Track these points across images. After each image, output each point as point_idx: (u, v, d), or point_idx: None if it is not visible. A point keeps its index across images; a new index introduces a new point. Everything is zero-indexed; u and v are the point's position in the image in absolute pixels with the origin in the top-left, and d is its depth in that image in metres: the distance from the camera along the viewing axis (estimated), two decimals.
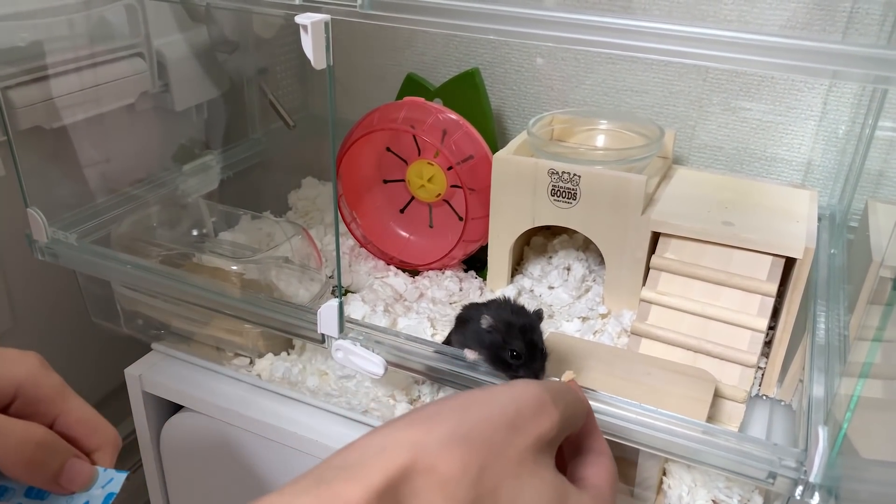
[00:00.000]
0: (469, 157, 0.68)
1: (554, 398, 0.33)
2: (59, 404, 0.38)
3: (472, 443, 0.29)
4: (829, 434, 0.40)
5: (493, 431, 0.30)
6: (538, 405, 0.32)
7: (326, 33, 0.42)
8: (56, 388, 0.38)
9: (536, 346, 0.46)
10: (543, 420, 0.32)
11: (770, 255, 0.59)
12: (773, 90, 0.74)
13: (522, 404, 0.32)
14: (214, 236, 0.74)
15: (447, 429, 0.29)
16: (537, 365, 0.46)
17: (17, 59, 0.65)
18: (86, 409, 0.39)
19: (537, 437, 0.31)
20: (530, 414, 0.32)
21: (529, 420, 0.31)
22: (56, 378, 0.38)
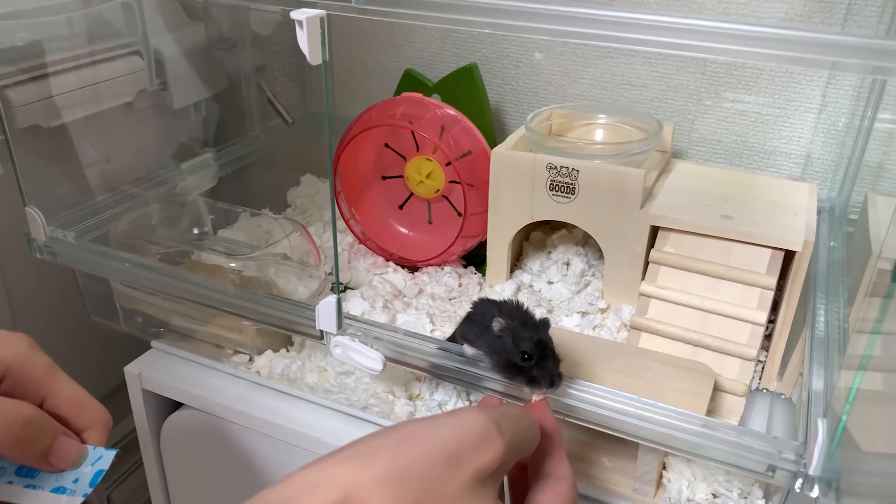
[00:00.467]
0: (467, 153, 0.68)
1: (500, 427, 0.32)
2: (48, 384, 0.38)
3: (408, 481, 0.28)
4: (829, 427, 0.40)
5: (430, 468, 0.29)
6: (482, 436, 0.31)
7: (322, 29, 0.41)
8: (44, 368, 0.38)
9: (548, 346, 0.44)
10: (486, 452, 0.31)
11: (769, 249, 0.59)
12: (772, 83, 0.73)
13: (465, 436, 0.31)
14: (213, 234, 0.74)
15: (383, 467, 0.29)
16: (550, 364, 0.44)
17: (14, 58, 0.65)
18: (75, 389, 0.39)
19: (478, 469, 0.30)
20: (473, 446, 0.31)
21: (471, 453, 0.31)
22: (44, 358, 0.38)
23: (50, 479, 0.37)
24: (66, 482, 0.37)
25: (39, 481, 0.37)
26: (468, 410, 0.33)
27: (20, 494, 0.37)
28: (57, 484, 0.37)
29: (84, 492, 0.37)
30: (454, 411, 0.33)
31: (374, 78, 0.92)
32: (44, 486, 0.37)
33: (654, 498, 0.52)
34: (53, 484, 0.37)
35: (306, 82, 0.96)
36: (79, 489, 0.37)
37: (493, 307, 0.48)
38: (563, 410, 0.47)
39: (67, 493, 0.37)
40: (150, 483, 0.74)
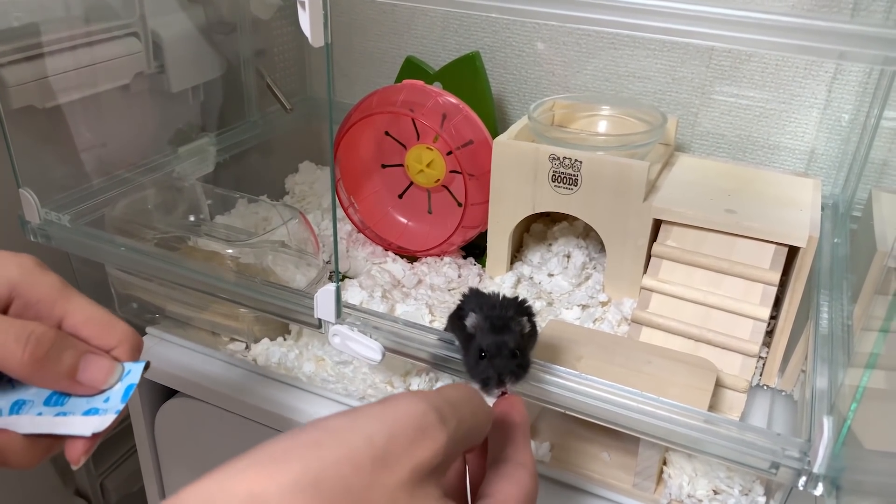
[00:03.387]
0: (469, 142, 0.67)
1: (442, 415, 0.28)
2: (62, 304, 0.35)
3: (323, 490, 0.24)
4: (834, 424, 0.40)
5: (353, 471, 0.25)
6: (418, 427, 0.27)
7: (325, 9, 0.40)
8: (55, 287, 0.35)
9: (504, 347, 0.42)
10: (424, 446, 0.26)
11: (773, 244, 0.58)
12: (777, 77, 0.73)
13: (397, 429, 0.26)
14: (210, 220, 0.73)
15: (292, 475, 0.24)
16: (501, 362, 0.41)
17: (9, 38, 0.64)
18: (93, 308, 0.36)
19: (414, 467, 0.26)
20: (407, 440, 0.26)
21: (405, 449, 0.26)
22: (54, 277, 0.36)
23: (80, 404, 0.35)
24: (96, 403, 0.35)
25: (69, 407, 0.35)
26: (402, 396, 0.28)
27: (51, 424, 0.34)
28: (87, 407, 0.35)
29: (116, 408, 0.35)
30: (385, 399, 0.28)
31: (374, 65, 0.91)
32: (74, 411, 0.35)
33: (654, 493, 0.51)
34: (84, 407, 0.35)
35: (306, 68, 0.95)
36: (111, 407, 0.35)
37: (477, 300, 0.46)
38: (562, 404, 0.46)
39: (100, 412, 0.35)
40: (144, 471, 0.73)
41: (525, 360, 0.43)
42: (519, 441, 0.34)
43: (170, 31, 0.76)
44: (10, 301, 0.34)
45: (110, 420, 0.34)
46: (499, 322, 0.43)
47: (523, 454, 0.33)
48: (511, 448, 0.34)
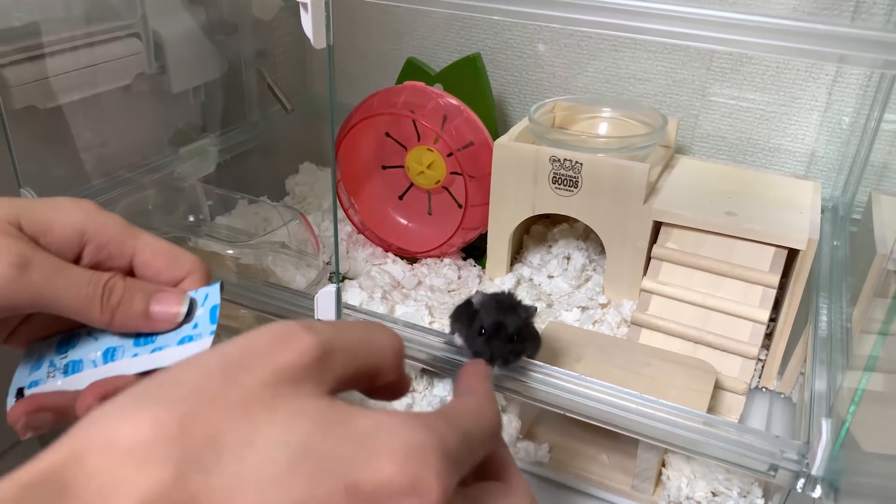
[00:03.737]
0: (469, 144, 0.67)
1: (312, 326, 0.26)
2: (130, 242, 0.36)
3: (168, 397, 0.23)
4: (833, 427, 0.40)
5: (201, 378, 0.23)
6: (278, 336, 0.25)
7: (327, 11, 0.41)
8: (119, 226, 0.36)
9: (503, 328, 0.44)
10: (287, 349, 0.25)
11: (773, 246, 0.58)
12: (778, 80, 0.73)
13: (254, 342, 0.25)
14: (210, 220, 0.73)
15: (134, 393, 0.23)
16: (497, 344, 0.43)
17: (11, 38, 0.64)
18: (159, 242, 0.36)
19: (278, 367, 0.24)
20: (265, 347, 0.25)
21: (263, 354, 0.24)
22: (116, 217, 0.36)
23: (170, 337, 0.35)
24: (186, 332, 0.35)
25: (161, 342, 0.35)
26: (272, 323, 0.27)
27: (154, 360, 0.35)
28: (179, 337, 0.35)
29: (210, 330, 0.35)
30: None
31: (375, 66, 0.91)
32: (168, 343, 0.35)
33: (652, 495, 0.51)
34: (176, 338, 0.35)
35: (307, 69, 0.96)
36: (203, 331, 0.35)
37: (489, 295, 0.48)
38: (561, 406, 0.47)
39: (193, 339, 0.35)
40: None
41: (522, 346, 0.44)
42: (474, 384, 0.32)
43: (171, 31, 0.76)
44: (82, 246, 0.35)
45: (208, 342, 0.35)
46: (504, 303, 0.45)
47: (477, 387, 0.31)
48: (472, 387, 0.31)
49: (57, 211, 0.35)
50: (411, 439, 0.23)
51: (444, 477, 0.23)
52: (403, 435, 0.23)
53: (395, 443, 0.23)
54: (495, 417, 0.29)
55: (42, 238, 0.34)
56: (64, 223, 0.34)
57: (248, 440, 0.22)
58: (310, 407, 0.23)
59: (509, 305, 0.46)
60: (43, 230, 0.34)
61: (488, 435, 0.28)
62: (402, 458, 0.23)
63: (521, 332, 0.45)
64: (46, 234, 0.34)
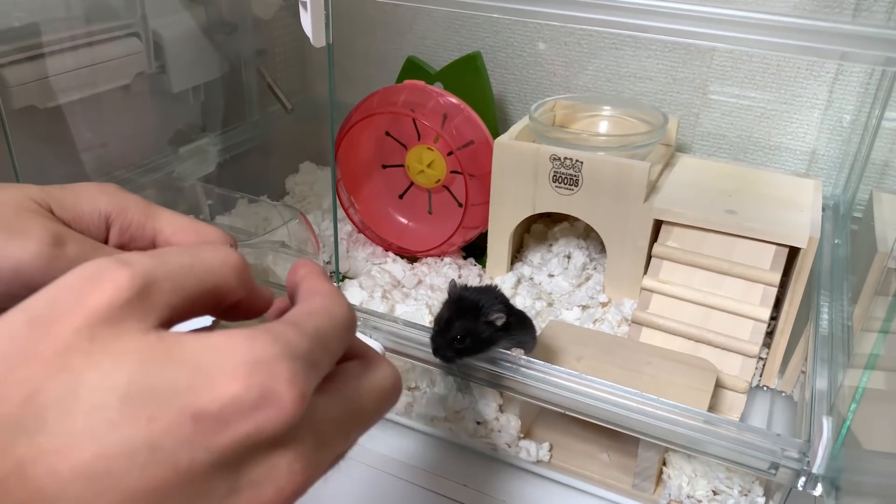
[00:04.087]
0: (469, 143, 0.67)
1: (125, 259, 0.23)
2: (150, 223, 0.35)
3: None
4: (833, 425, 0.40)
5: (6, 339, 0.22)
6: (87, 277, 0.23)
7: (326, 10, 0.41)
8: (140, 207, 0.35)
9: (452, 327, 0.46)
10: (99, 289, 0.22)
11: (773, 245, 0.58)
12: (779, 78, 0.73)
13: (59, 289, 0.23)
14: (211, 220, 0.73)
15: None
16: (439, 339, 0.46)
17: (10, 38, 0.64)
18: (179, 219, 0.36)
19: (91, 310, 0.22)
20: (73, 292, 0.22)
21: (73, 300, 0.22)
22: (137, 199, 0.36)
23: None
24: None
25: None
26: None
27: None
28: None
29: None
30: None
31: (375, 65, 0.91)
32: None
33: (653, 494, 0.51)
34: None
35: (306, 68, 0.95)
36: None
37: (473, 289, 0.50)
38: (562, 405, 0.46)
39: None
40: None
41: (474, 346, 0.46)
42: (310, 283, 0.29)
43: (171, 31, 0.76)
44: (108, 230, 0.35)
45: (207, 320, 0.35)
46: (465, 304, 0.46)
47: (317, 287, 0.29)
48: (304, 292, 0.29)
49: (82, 199, 0.34)
50: (254, 352, 0.22)
51: (296, 383, 0.22)
52: (244, 350, 0.22)
53: (236, 359, 0.22)
54: (347, 311, 0.27)
55: (72, 226, 0.34)
56: (91, 209, 0.34)
57: (71, 392, 0.21)
58: (134, 344, 0.22)
59: (472, 305, 0.46)
60: (72, 217, 0.34)
61: (343, 330, 0.27)
62: (245, 373, 0.22)
63: (471, 335, 0.46)
64: (76, 222, 0.34)
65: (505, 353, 0.48)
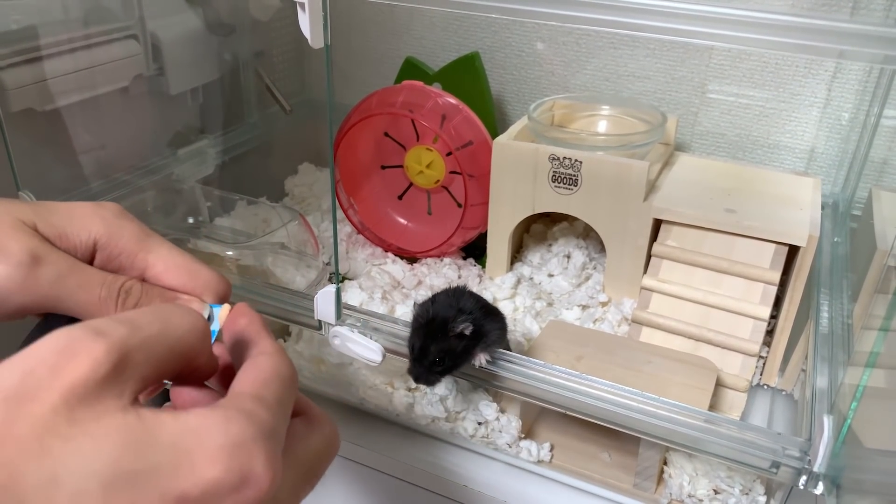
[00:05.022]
0: (468, 143, 0.67)
1: (98, 329, 0.23)
2: (142, 255, 0.34)
3: None
4: (834, 423, 0.40)
5: None
6: (62, 350, 0.22)
7: (324, 11, 0.40)
8: (135, 238, 0.34)
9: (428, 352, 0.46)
10: (75, 363, 0.22)
11: (773, 243, 0.58)
12: (777, 77, 0.73)
13: (34, 361, 0.22)
14: (210, 222, 0.73)
15: None
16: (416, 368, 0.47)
17: (9, 41, 0.64)
18: (174, 256, 0.35)
19: (68, 387, 0.21)
20: (48, 367, 0.22)
21: (48, 376, 0.22)
22: (134, 227, 0.34)
23: None
24: None
25: None
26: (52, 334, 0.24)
27: None
28: None
29: None
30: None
31: (373, 66, 0.91)
32: None
33: (654, 493, 0.51)
34: None
35: (305, 69, 0.95)
36: None
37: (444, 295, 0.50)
38: (562, 404, 0.46)
39: None
40: None
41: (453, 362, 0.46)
42: (253, 338, 0.30)
43: (169, 33, 0.76)
44: (94, 254, 0.34)
45: None
46: (433, 325, 0.46)
47: (262, 344, 0.29)
48: (249, 347, 0.30)
49: (74, 219, 0.33)
50: (231, 435, 0.23)
51: (272, 463, 0.23)
52: (222, 433, 0.23)
53: (216, 443, 0.22)
54: (292, 369, 0.28)
55: (57, 243, 0.33)
56: (79, 230, 0.33)
57: (52, 478, 0.20)
58: (113, 425, 0.21)
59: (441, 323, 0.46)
60: (57, 235, 0.33)
61: (293, 390, 0.28)
62: (226, 456, 0.22)
63: (447, 353, 0.46)
64: (61, 239, 0.33)
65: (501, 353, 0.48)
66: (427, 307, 0.48)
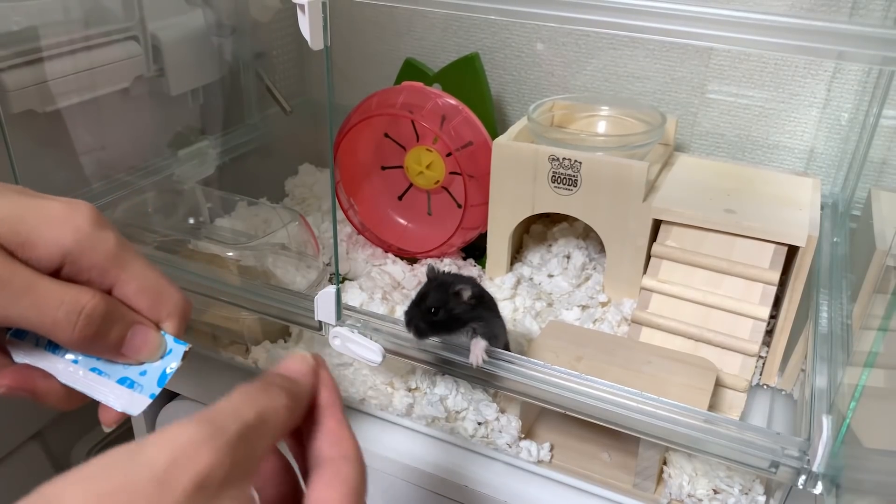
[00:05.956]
0: (468, 144, 0.67)
1: (217, 424, 0.26)
2: (114, 272, 0.33)
3: None
4: (833, 423, 0.40)
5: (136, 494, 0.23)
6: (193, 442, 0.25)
7: (324, 13, 0.41)
8: (108, 254, 0.33)
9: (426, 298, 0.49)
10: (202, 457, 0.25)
11: (772, 243, 0.58)
12: (777, 77, 0.73)
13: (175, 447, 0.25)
14: (210, 223, 0.73)
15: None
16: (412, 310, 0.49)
17: (9, 42, 0.64)
18: (146, 276, 0.34)
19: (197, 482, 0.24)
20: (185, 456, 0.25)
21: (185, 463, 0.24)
22: (109, 241, 0.33)
23: (117, 368, 0.34)
24: (132, 374, 0.34)
25: (107, 368, 0.34)
26: (177, 423, 0.26)
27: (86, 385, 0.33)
28: (123, 374, 0.34)
29: (152, 391, 0.34)
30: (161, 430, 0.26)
31: (373, 67, 0.91)
32: (111, 374, 0.34)
33: (654, 493, 0.51)
34: (120, 373, 0.34)
35: (305, 70, 0.96)
36: (147, 386, 0.34)
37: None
38: (562, 405, 0.47)
39: (135, 387, 0.33)
40: None
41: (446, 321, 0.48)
42: (333, 429, 0.31)
43: (169, 34, 0.76)
44: (61, 266, 0.32)
45: (144, 405, 0.34)
46: (439, 282, 0.50)
47: (340, 445, 0.30)
48: (324, 441, 0.31)
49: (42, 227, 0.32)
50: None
51: None
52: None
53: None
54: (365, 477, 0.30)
55: (19, 251, 0.31)
56: (48, 240, 0.32)
57: None
58: None
59: (445, 283, 0.50)
60: (21, 242, 0.31)
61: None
62: None
63: (443, 307, 0.48)
64: (25, 248, 0.31)
65: (502, 353, 0.48)
66: (443, 273, 0.51)
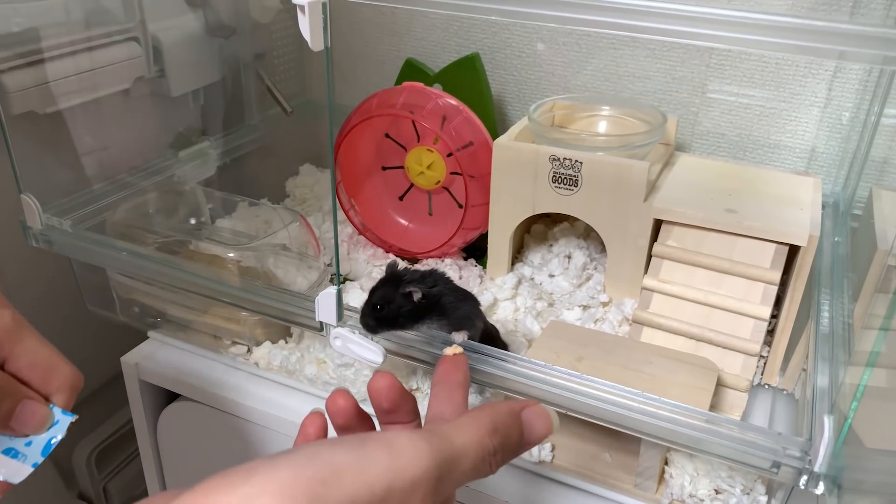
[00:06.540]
0: (469, 144, 0.67)
1: (443, 474, 0.27)
2: (8, 346, 0.35)
3: None
4: (835, 423, 0.40)
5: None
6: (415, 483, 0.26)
7: (324, 14, 0.41)
8: (3, 330, 0.35)
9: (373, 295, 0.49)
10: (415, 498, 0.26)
11: (773, 243, 0.58)
12: (778, 76, 0.73)
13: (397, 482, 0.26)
14: (211, 223, 0.73)
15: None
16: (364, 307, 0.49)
17: (10, 43, 0.64)
18: (39, 351, 0.36)
19: None
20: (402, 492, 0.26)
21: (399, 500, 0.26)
22: (5, 317, 0.35)
23: (2, 438, 0.35)
24: (17, 444, 0.35)
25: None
26: (408, 443, 0.27)
27: None
28: (8, 444, 0.35)
29: (35, 461, 0.35)
30: (390, 439, 0.27)
31: (374, 67, 0.91)
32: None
33: (655, 493, 0.51)
34: (5, 444, 0.35)
35: (305, 71, 0.96)
36: (31, 455, 0.35)
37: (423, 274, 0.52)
38: (563, 405, 0.47)
39: (19, 457, 0.35)
40: (147, 474, 0.73)
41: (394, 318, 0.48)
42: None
43: (170, 35, 0.76)
44: None
45: (26, 473, 0.34)
46: (391, 278, 0.50)
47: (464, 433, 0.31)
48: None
49: None
50: None
51: None
52: None
53: None
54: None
55: None
56: None
57: None
58: None
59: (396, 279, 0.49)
60: None
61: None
62: None
63: (388, 304, 0.48)
64: None
65: (502, 354, 0.48)
66: (396, 269, 0.51)
